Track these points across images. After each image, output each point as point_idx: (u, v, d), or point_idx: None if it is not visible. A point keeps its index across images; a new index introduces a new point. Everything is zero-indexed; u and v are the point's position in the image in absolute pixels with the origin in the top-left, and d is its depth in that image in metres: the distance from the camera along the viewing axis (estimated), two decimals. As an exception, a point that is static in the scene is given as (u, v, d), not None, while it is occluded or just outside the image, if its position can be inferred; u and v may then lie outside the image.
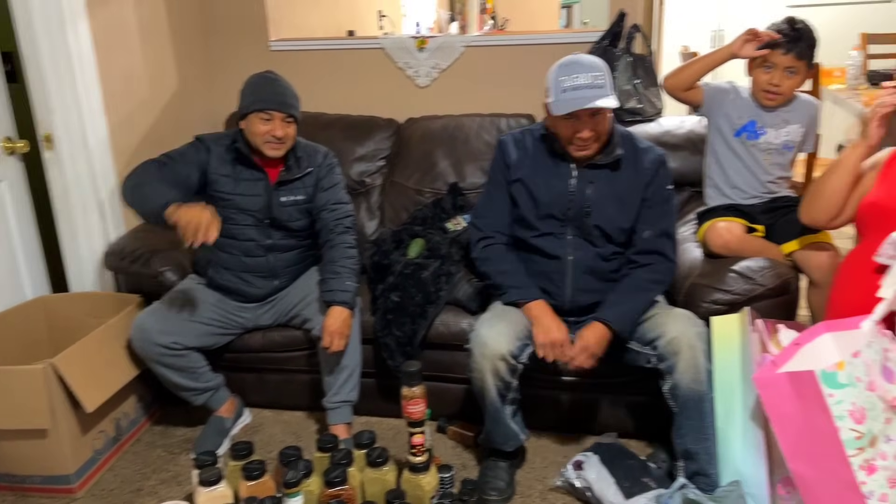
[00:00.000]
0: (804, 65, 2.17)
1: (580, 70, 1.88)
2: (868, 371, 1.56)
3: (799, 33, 2.16)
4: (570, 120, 1.91)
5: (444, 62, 3.00)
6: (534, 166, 2.05)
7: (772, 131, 2.25)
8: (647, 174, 2.01)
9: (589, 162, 2.01)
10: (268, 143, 2.15)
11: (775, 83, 2.17)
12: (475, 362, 1.92)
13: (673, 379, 1.85)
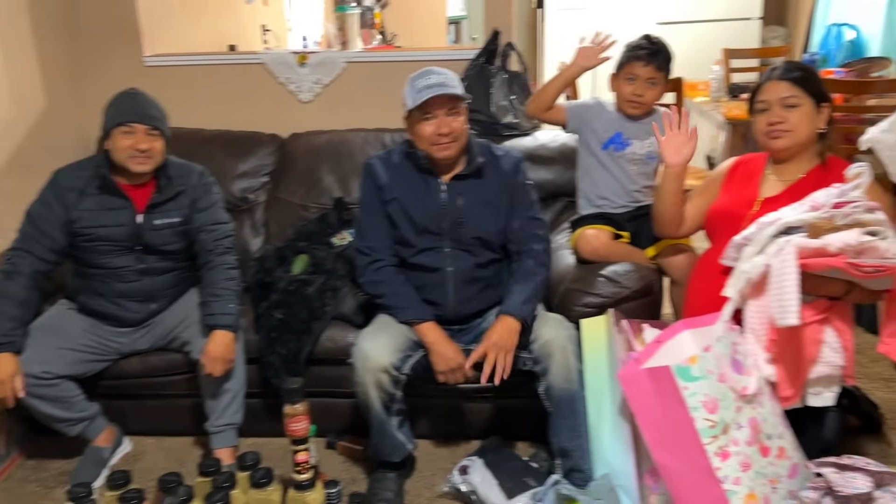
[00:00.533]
0: (663, 76, 2.33)
1: (431, 74, 2.00)
2: (718, 364, 1.69)
3: (656, 47, 2.33)
4: (427, 120, 2.00)
5: (327, 77, 3.01)
6: (405, 185, 2.11)
7: (637, 142, 2.39)
8: (509, 175, 2.13)
9: (455, 174, 2.09)
10: (132, 157, 2.09)
11: (638, 93, 2.32)
12: (358, 376, 1.95)
13: (547, 380, 1.94)
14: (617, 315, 1.97)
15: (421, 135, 2.04)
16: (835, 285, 1.75)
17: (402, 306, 2.06)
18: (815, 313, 1.76)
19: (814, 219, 1.72)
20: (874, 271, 1.66)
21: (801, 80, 1.91)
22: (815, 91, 1.92)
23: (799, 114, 1.90)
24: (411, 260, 2.11)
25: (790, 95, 1.90)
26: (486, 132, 2.79)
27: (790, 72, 1.93)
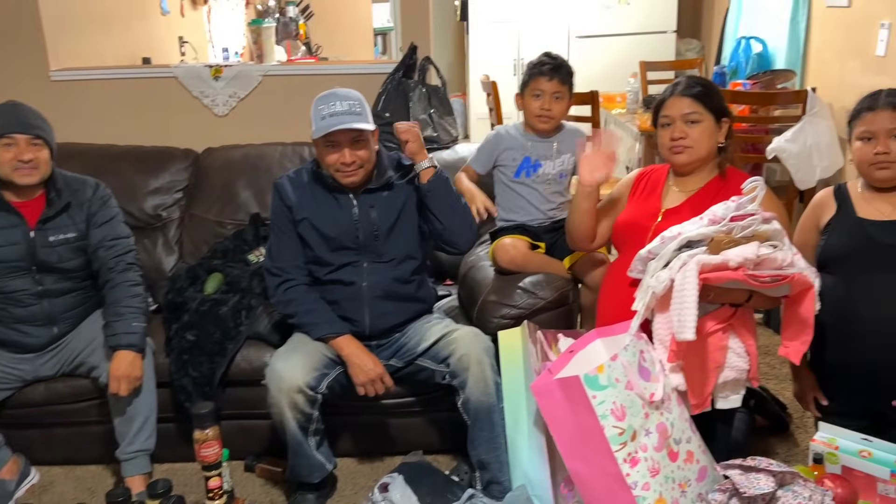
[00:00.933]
0: (567, 90, 2.38)
1: (336, 99, 1.98)
2: (626, 372, 1.73)
3: (557, 62, 2.38)
4: (331, 148, 1.99)
5: (242, 91, 2.97)
6: (315, 204, 2.09)
7: (547, 163, 2.42)
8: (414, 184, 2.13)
9: (364, 188, 2.08)
10: (17, 169, 2.02)
11: (546, 107, 2.35)
12: (272, 397, 1.92)
13: (465, 393, 1.95)
14: (532, 326, 1.99)
15: (325, 163, 2.04)
16: (737, 294, 1.81)
17: (316, 322, 2.03)
18: (719, 322, 1.82)
19: (713, 232, 1.77)
20: (772, 281, 1.73)
21: (702, 96, 1.98)
22: (716, 107, 1.99)
23: (700, 129, 1.96)
24: (326, 277, 2.09)
25: (692, 112, 1.96)
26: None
27: (692, 87, 1.99)
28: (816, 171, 3.27)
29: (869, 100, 1.90)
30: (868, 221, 1.90)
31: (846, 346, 1.95)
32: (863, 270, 1.91)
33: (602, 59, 5.46)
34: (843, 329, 1.95)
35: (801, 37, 3.96)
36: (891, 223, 1.88)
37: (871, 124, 1.87)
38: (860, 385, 1.96)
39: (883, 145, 1.85)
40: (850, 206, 1.95)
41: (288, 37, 6.09)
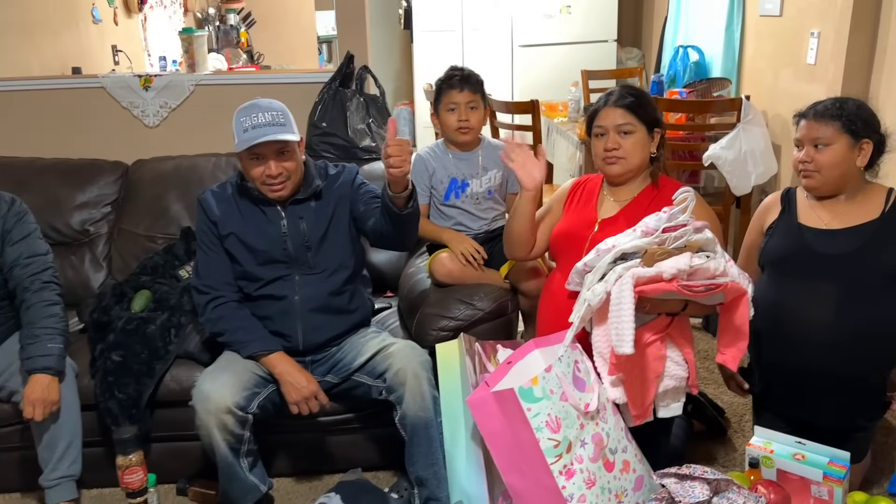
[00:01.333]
0: (480, 99, 2.36)
1: (258, 111, 1.93)
2: (560, 383, 1.71)
3: (466, 72, 2.36)
4: (256, 160, 1.94)
5: (174, 101, 2.89)
6: (241, 218, 2.04)
7: (475, 181, 2.39)
8: (346, 186, 2.10)
9: (292, 199, 2.04)
10: None
11: (463, 118, 2.32)
12: (199, 419, 1.85)
13: (402, 408, 1.91)
14: (468, 339, 1.97)
15: (249, 175, 1.99)
16: (672, 304, 1.82)
17: (246, 340, 1.97)
18: (656, 332, 1.83)
19: (647, 244, 1.78)
20: (705, 290, 1.74)
21: (635, 107, 1.98)
22: (649, 118, 2.00)
23: (633, 140, 1.97)
24: (257, 293, 2.03)
25: (625, 122, 1.96)
26: (343, 156, 2.76)
27: (625, 98, 1.99)
28: (752, 178, 3.34)
29: (808, 108, 1.93)
30: (807, 227, 1.93)
31: (778, 349, 1.98)
32: (796, 276, 1.93)
33: (545, 67, 5.50)
34: (775, 332, 1.98)
35: (735, 45, 4.04)
36: (827, 232, 1.90)
37: (800, 132, 1.91)
38: (791, 388, 1.99)
39: (805, 154, 1.88)
40: (794, 211, 1.98)
41: (229, 45, 5.99)
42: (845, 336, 1.86)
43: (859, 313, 1.85)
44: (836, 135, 1.84)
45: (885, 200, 1.88)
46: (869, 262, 1.84)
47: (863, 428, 1.97)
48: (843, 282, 1.86)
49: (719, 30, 4.16)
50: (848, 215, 1.89)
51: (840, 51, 2.82)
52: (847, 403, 1.94)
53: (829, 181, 1.87)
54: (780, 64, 3.55)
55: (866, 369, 1.89)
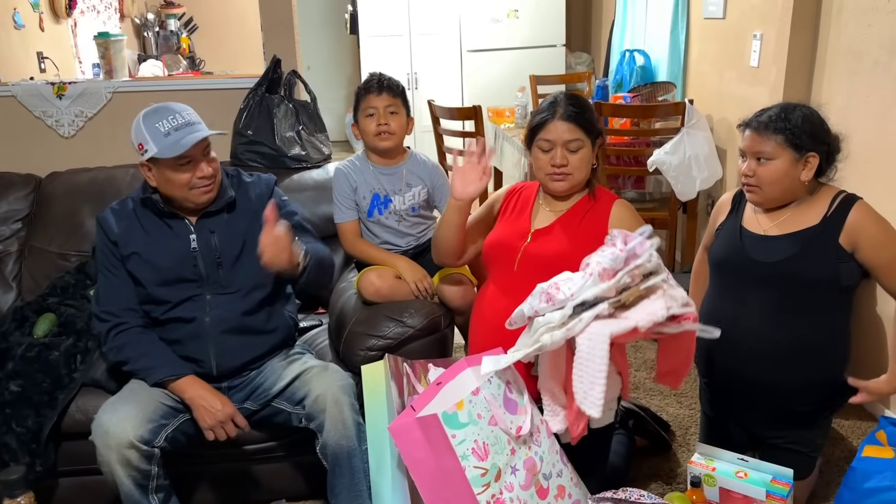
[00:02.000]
0: (400, 103, 2.22)
1: (172, 112, 1.83)
2: (489, 406, 1.61)
3: (384, 78, 2.23)
4: (185, 165, 1.82)
5: (90, 110, 2.72)
6: (145, 234, 1.90)
7: (397, 198, 2.25)
8: (263, 200, 1.98)
9: (202, 212, 1.91)
10: None
11: (383, 122, 2.19)
12: (100, 455, 1.70)
13: (322, 437, 1.79)
14: (394, 359, 1.85)
15: (178, 183, 1.84)
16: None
17: (152, 366, 1.83)
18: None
19: (607, 289, 1.58)
20: (676, 329, 1.62)
21: (582, 121, 1.84)
22: (594, 130, 1.88)
23: (580, 156, 1.85)
24: (164, 316, 1.89)
25: (574, 139, 1.83)
26: (271, 165, 2.62)
27: (571, 111, 1.84)
28: (696, 183, 3.29)
29: (752, 117, 1.83)
30: (747, 232, 1.87)
31: (717, 356, 1.92)
32: (733, 281, 1.88)
33: (494, 72, 5.44)
34: (713, 340, 1.91)
35: (681, 49, 4.01)
36: (764, 238, 1.83)
37: (744, 143, 1.82)
38: (731, 395, 1.93)
39: (748, 167, 1.79)
40: (741, 213, 1.91)
41: (169, 51, 5.79)
42: (776, 347, 1.80)
43: (791, 324, 1.79)
44: (778, 149, 1.75)
45: (829, 205, 1.79)
46: (800, 271, 1.77)
47: (804, 440, 1.90)
48: (774, 290, 1.80)
49: (664, 33, 4.12)
50: (788, 222, 1.82)
51: (781, 53, 2.78)
52: (783, 415, 1.87)
53: (771, 196, 1.80)
54: (724, 67, 3.51)
55: (798, 383, 1.82)
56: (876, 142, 2.42)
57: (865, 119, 2.46)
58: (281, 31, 2.75)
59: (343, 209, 2.25)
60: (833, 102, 2.61)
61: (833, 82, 2.62)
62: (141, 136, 1.82)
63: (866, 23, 2.43)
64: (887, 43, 2.33)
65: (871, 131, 2.43)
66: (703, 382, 2.00)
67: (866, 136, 2.46)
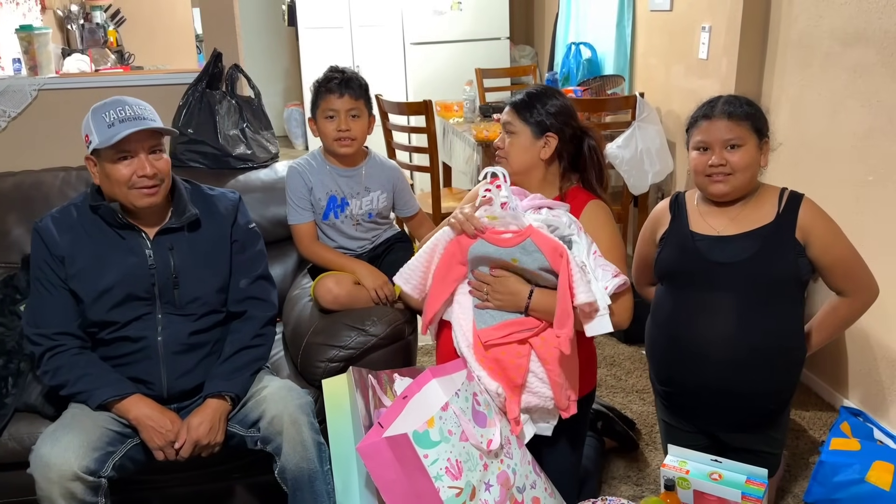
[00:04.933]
0: (363, 105, 2.10)
1: (123, 104, 1.69)
2: (459, 421, 1.53)
3: (346, 75, 2.09)
4: (124, 160, 1.67)
5: (14, 108, 2.53)
6: (94, 247, 1.73)
7: (354, 202, 2.14)
8: (227, 222, 1.85)
9: (161, 227, 1.77)
10: None
11: (344, 128, 2.07)
12: (40, 489, 1.55)
13: (281, 460, 1.67)
14: (358, 371, 1.75)
15: (116, 178, 1.68)
16: (515, 296, 1.67)
17: (93, 388, 1.67)
18: (508, 333, 1.67)
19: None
20: (512, 237, 1.65)
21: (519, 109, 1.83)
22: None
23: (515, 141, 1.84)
24: (110, 336, 1.74)
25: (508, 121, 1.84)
26: (215, 165, 2.48)
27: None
28: (648, 177, 3.29)
29: (706, 107, 1.80)
30: (699, 236, 1.82)
31: (676, 365, 1.88)
32: (691, 287, 1.83)
33: (438, 65, 5.34)
34: (672, 347, 1.87)
35: (627, 42, 4.00)
36: (720, 239, 1.79)
37: (707, 134, 1.76)
38: (694, 404, 1.89)
39: (718, 156, 1.75)
40: (685, 219, 1.87)
41: (95, 45, 5.49)
42: (745, 350, 1.77)
43: (758, 324, 1.76)
44: (746, 134, 1.74)
45: (778, 202, 1.78)
46: (765, 268, 1.75)
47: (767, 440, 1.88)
48: (739, 291, 1.76)
49: (610, 26, 4.11)
50: (741, 220, 1.79)
51: (733, 45, 2.78)
52: (746, 418, 1.85)
53: (741, 184, 1.76)
54: (672, 59, 3.52)
55: (770, 385, 1.80)
56: (828, 133, 2.44)
57: (818, 110, 2.48)
58: (221, 23, 2.59)
59: (298, 210, 2.13)
60: (785, 94, 2.63)
61: (785, 74, 2.64)
62: (87, 127, 1.68)
63: (817, 14, 2.44)
64: (839, 34, 2.35)
65: (824, 122, 2.45)
66: (662, 391, 1.95)
67: (818, 127, 2.48)
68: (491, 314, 1.69)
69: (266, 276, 1.92)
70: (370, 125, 2.14)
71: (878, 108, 2.22)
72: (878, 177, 2.24)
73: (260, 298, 1.87)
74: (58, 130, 2.54)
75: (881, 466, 1.97)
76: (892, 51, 2.15)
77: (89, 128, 1.69)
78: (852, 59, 2.30)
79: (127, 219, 1.74)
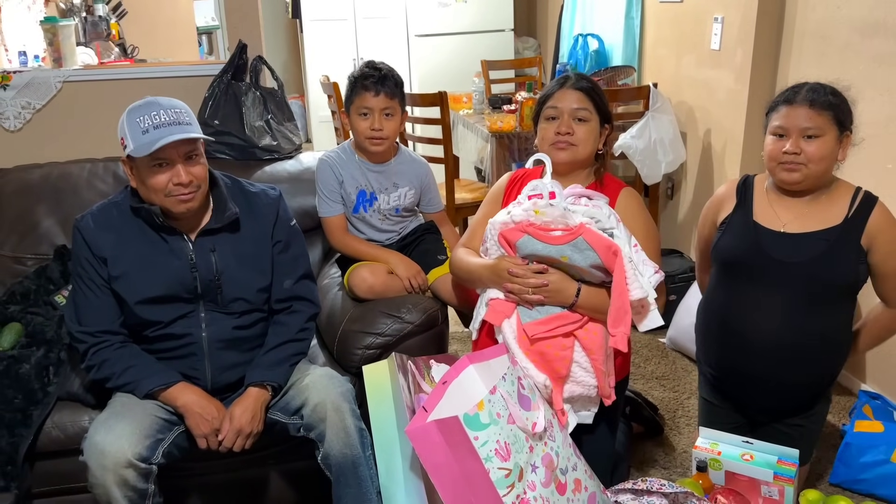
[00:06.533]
0: (398, 104, 2.11)
1: (158, 108, 1.65)
2: (507, 404, 1.56)
3: (382, 73, 2.09)
4: (160, 167, 1.66)
5: (39, 101, 2.53)
6: (137, 250, 1.73)
7: (383, 196, 2.17)
8: (268, 221, 1.85)
9: (202, 228, 1.77)
10: None
11: (377, 127, 2.08)
12: (94, 476, 1.57)
13: (324, 447, 1.70)
14: (400, 357, 1.78)
15: (152, 186, 1.67)
16: (564, 292, 1.69)
17: (140, 378, 1.69)
18: (554, 327, 1.70)
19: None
20: (561, 234, 1.67)
21: (591, 93, 1.82)
22: (603, 107, 1.84)
23: (588, 128, 1.81)
24: (154, 334, 1.76)
25: (582, 107, 1.80)
26: (241, 157, 2.50)
27: (583, 81, 1.84)
28: (661, 166, 3.32)
29: (789, 92, 1.76)
30: (763, 228, 1.80)
31: (722, 349, 1.92)
32: (747, 278, 1.83)
33: (443, 58, 5.36)
34: (720, 332, 1.90)
35: (636, 33, 4.03)
36: (784, 236, 1.77)
37: (785, 120, 1.73)
38: (738, 388, 1.93)
39: (794, 145, 1.71)
40: (749, 206, 1.84)
41: (98, 38, 5.46)
42: (790, 345, 1.79)
43: (807, 323, 1.77)
44: (827, 125, 1.70)
45: (850, 203, 1.75)
46: (824, 272, 1.74)
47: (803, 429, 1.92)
48: (795, 290, 1.76)
49: (618, 17, 4.14)
50: (809, 217, 1.77)
51: (748, 35, 2.81)
52: (785, 406, 1.89)
53: (815, 175, 1.73)
54: (683, 50, 3.55)
55: (810, 377, 1.84)
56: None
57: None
58: (245, 15, 2.60)
59: (329, 203, 2.15)
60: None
61: (801, 65, 2.68)
62: (122, 131, 1.67)
63: (835, 5, 2.48)
64: (859, 24, 2.38)
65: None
66: (707, 371, 1.99)
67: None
68: (537, 308, 1.72)
69: (309, 275, 1.93)
70: (402, 122, 2.16)
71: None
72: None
73: (304, 298, 1.89)
74: (83, 122, 2.55)
75: (905, 447, 2.03)
76: (910, 41, 2.20)
77: (124, 131, 1.67)
78: (872, 49, 2.34)
79: (168, 222, 1.74)
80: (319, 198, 2.16)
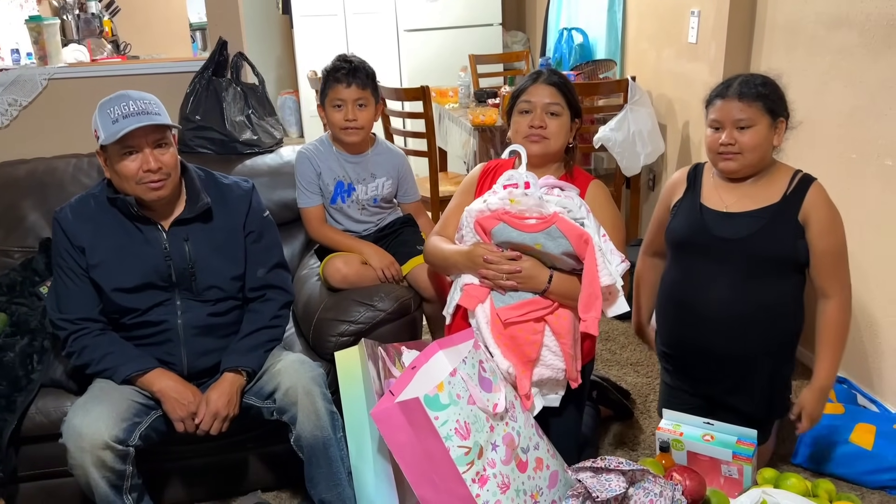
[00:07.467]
0: (370, 94, 2.17)
1: (127, 99, 1.72)
2: (467, 386, 1.63)
3: (353, 65, 2.16)
4: (129, 155, 1.72)
5: (24, 98, 2.59)
6: (114, 240, 1.79)
7: (360, 187, 2.23)
8: (240, 211, 1.91)
9: (176, 218, 1.83)
10: None
11: (350, 118, 2.14)
12: (73, 457, 1.64)
13: (296, 429, 1.77)
14: (370, 343, 1.84)
15: (123, 174, 1.73)
16: (536, 278, 1.75)
17: (118, 364, 1.76)
18: (526, 312, 1.76)
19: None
20: (536, 222, 1.74)
21: (563, 88, 1.90)
22: (573, 102, 1.92)
23: (559, 122, 1.89)
24: (131, 321, 1.82)
25: (555, 103, 1.88)
26: (222, 151, 2.56)
27: (555, 76, 1.92)
28: (640, 158, 3.37)
29: (721, 87, 1.86)
30: (707, 209, 1.90)
31: (677, 327, 1.99)
32: (694, 256, 1.92)
33: (432, 52, 5.40)
34: (674, 311, 1.98)
35: (618, 26, 4.08)
36: (726, 215, 1.87)
37: (719, 113, 1.83)
38: (694, 367, 2.00)
39: (728, 136, 1.81)
40: (698, 191, 1.94)
41: (91, 35, 5.51)
42: (741, 317, 1.87)
43: (750, 296, 1.86)
44: (758, 115, 1.79)
45: (789, 184, 1.85)
46: (761, 247, 1.83)
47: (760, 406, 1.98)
48: (737, 265, 1.85)
49: (601, 11, 4.18)
50: (750, 198, 1.87)
51: (721, 29, 2.87)
52: (742, 384, 1.95)
53: (750, 163, 1.83)
54: (663, 44, 3.60)
55: (757, 350, 1.90)
56: (813, 113, 2.53)
57: (803, 92, 2.56)
58: (226, 12, 2.66)
59: (307, 194, 2.21)
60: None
61: (771, 57, 2.73)
62: (95, 124, 1.74)
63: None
64: (824, 18, 2.44)
65: (809, 104, 2.54)
66: (664, 353, 2.06)
67: (804, 109, 2.56)
68: (509, 294, 1.78)
69: (282, 265, 1.99)
70: (377, 112, 2.22)
71: (861, 88, 2.32)
72: (860, 154, 2.34)
73: (277, 286, 1.94)
74: (68, 119, 2.62)
75: (863, 428, 2.09)
76: (873, 33, 2.24)
77: (97, 124, 1.74)
78: (836, 42, 2.39)
79: (142, 212, 1.80)
80: (298, 189, 2.23)
